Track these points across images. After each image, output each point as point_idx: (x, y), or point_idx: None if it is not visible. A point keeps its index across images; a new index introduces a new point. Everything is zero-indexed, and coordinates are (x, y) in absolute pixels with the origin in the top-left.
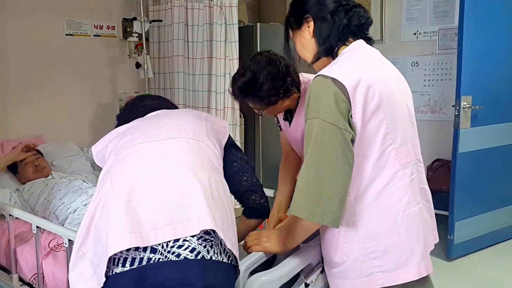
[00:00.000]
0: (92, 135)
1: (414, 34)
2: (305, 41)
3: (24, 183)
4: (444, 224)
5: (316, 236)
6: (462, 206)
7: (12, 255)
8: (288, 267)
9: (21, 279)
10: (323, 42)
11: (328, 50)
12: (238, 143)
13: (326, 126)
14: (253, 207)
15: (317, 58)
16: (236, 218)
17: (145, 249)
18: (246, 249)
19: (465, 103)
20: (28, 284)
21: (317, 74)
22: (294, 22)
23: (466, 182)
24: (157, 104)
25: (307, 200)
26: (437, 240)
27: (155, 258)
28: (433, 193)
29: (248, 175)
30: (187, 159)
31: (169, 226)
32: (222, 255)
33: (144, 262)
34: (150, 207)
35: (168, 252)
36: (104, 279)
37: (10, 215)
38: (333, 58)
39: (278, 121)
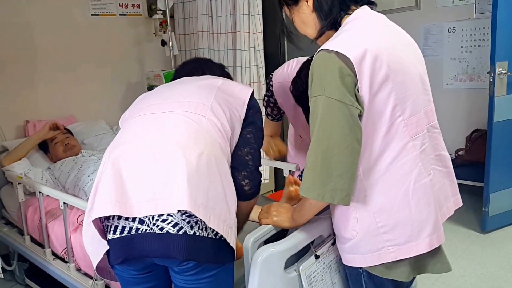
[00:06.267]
0: (121, 114)
1: None
2: (305, 17)
3: (55, 162)
4: (481, 196)
5: (328, 209)
6: (498, 177)
7: (44, 230)
8: (296, 239)
9: (54, 253)
10: (326, 16)
11: (333, 23)
12: None
13: (331, 103)
14: (235, 185)
15: (321, 33)
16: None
17: (134, 219)
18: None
19: (500, 69)
20: (60, 257)
21: (320, 49)
22: None
23: (502, 153)
24: (189, 70)
25: (316, 180)
26: (460, 204)
27: (142, 229)
28: (472, 165)
29: (243, 150)
30: (180, 135)
31: (152, 201)
32: (208, 231)
33: (132, 232)
34: (136, 181)
35: (153, 224)
36: (105, 242)
37: (40, 192)
38: (337, 29)
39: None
